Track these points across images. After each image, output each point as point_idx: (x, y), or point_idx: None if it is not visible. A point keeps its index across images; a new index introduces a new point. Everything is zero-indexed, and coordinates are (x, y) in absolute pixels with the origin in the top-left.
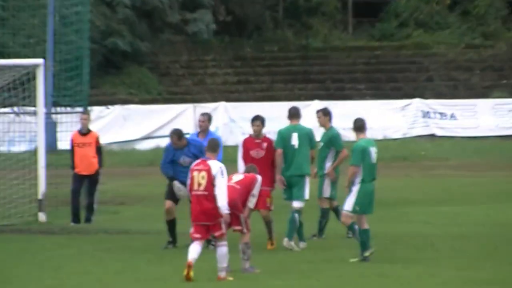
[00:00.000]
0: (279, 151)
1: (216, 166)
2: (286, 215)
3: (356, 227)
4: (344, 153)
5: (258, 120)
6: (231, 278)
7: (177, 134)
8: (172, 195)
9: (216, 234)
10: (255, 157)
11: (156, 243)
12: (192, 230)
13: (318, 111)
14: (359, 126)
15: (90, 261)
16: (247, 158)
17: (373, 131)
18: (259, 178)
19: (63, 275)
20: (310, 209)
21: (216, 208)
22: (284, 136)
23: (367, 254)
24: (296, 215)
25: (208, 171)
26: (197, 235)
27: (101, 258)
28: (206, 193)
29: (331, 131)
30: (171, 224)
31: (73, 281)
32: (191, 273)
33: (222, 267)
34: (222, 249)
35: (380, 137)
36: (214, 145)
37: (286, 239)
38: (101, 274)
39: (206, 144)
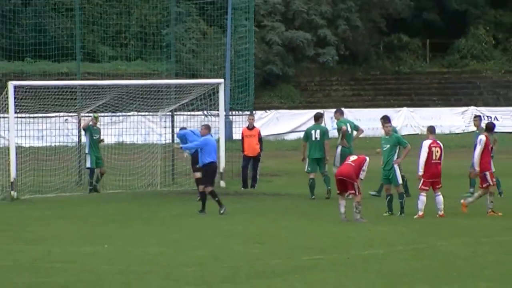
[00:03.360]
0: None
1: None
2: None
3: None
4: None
5: None
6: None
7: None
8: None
9: (438, 186)
10: None
11: (298, 201)
12: (422, 184)
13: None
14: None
15: (254, 213)
16: None
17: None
18: (367, 158)
19: (234, 224)
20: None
21: (439, 169)
22: None
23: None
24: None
25: (440, 147)
26: (426, 187)
27: (259, 212)
28: (439, 161)
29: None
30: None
31: (240, 226)
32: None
33: (441, 208)
34: (440, 197)
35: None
36: (433, 129)
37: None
38: (261, 222)
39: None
